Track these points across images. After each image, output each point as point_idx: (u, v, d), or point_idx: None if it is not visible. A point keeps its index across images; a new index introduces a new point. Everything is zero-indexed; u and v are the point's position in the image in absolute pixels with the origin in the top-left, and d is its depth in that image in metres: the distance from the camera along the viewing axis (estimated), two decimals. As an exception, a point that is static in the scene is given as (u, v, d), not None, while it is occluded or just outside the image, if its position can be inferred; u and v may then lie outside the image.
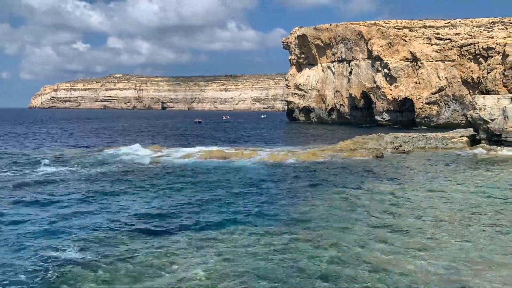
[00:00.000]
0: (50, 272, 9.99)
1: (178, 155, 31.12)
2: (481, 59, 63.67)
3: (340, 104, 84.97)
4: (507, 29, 68.90)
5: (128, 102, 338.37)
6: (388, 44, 74.82)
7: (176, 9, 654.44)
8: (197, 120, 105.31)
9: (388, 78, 75.02)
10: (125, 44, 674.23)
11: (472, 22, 75.08)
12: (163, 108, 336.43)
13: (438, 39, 72.03)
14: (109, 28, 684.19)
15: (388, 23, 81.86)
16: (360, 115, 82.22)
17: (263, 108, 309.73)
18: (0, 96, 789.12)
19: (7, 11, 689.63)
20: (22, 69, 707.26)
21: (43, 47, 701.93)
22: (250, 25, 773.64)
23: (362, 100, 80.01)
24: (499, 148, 32.92)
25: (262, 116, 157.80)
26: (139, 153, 31.22)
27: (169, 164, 26.93)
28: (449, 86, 69.54)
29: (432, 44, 71.89)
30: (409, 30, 76.42)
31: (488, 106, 34.12)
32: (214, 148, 35.63)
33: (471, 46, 66.41)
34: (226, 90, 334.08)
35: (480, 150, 33.20)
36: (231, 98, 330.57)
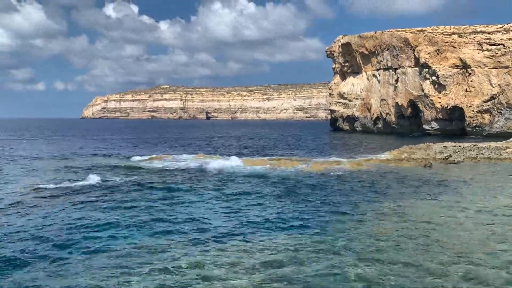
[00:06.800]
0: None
1: (217, 162, 31.41)
2: (537, 64, 60.44)
3: (386, 113, 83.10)
4: None
5: (174, 113, 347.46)
6: (436, 51, 72.57)
7: (245, 23, 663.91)
8: None
9: (436, 86, 72.66)
10: (189, 56, 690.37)
11: (527, 26, 71.50)
12: (207, 118, 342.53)
13: (489, 45, 69.08)
14: (176, 41, 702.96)
15: (436, 29, 79.44)
16: (407, 124, 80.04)
17: (306, 117, 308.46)
18: (60, 107, 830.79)
19: (87, 23, 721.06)
20: (87, 81, 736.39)
21: (109, 60, 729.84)
22: (322, 36, 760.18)
23: (409, 108, 77.87)
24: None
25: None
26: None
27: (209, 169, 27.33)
28: (502, 94, 66.40)
29: (483, 50, 69.03)
30: (458, 36, 73.77)
31: (547, 114, 32.24)
32: (257, 158, 35.71)
33: (527, 51, 63.23)
34: (268, 99, 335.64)
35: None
36: (274, 107, 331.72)
